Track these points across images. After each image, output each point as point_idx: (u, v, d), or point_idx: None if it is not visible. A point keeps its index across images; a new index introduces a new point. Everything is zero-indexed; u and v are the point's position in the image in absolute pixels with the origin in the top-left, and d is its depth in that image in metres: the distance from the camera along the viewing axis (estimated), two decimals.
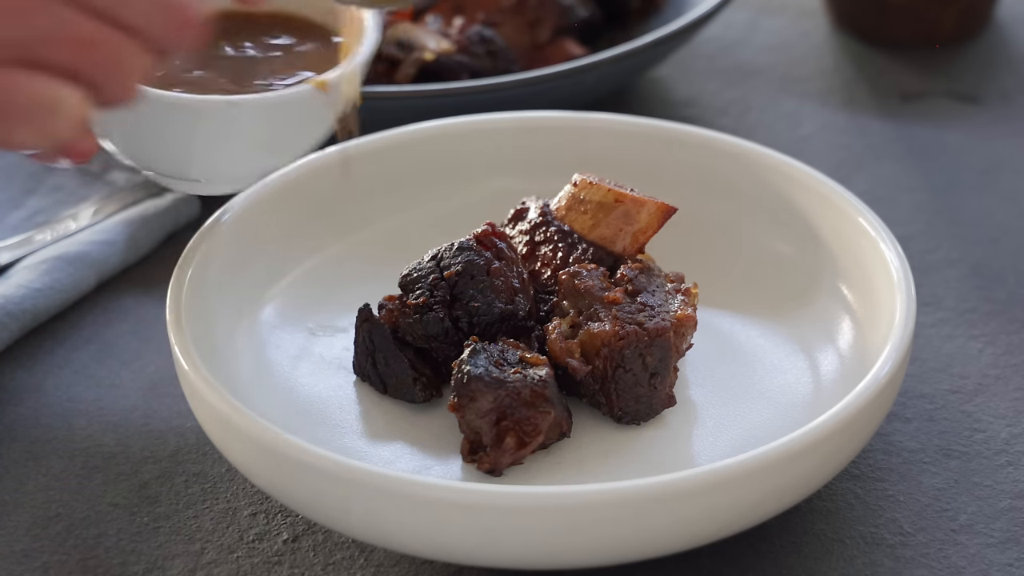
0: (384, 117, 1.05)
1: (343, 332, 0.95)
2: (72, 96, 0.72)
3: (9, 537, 0.86)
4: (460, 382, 0.85)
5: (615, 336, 0.87)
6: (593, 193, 0.93)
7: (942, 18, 1.28)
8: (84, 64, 0.73)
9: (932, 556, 0.85)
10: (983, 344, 0.99)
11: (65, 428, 0.93)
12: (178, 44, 0.76)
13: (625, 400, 0.88)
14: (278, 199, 0.97)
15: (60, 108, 0.72)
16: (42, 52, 0.72)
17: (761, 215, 0.99)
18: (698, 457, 0.87)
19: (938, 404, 0.94)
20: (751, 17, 1.34)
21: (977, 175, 1.15)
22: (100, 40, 0.73)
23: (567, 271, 0.90)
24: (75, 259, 1.03)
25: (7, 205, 1.11)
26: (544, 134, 1.03)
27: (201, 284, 0.90)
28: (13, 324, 0.98)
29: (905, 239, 1.04)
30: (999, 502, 0.88)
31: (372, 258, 0.99)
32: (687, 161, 1.01)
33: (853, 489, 0.88)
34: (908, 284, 0.89)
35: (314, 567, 0.85)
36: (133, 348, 0.99)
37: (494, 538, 0.78)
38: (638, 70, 1.17)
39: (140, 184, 1.11)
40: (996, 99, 1.23)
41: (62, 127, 0.72)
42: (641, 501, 0.77)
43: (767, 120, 1.22)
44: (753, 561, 0.84)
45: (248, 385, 0.88)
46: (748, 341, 0.94)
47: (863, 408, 0.82)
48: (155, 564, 0.85)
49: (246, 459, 0.82)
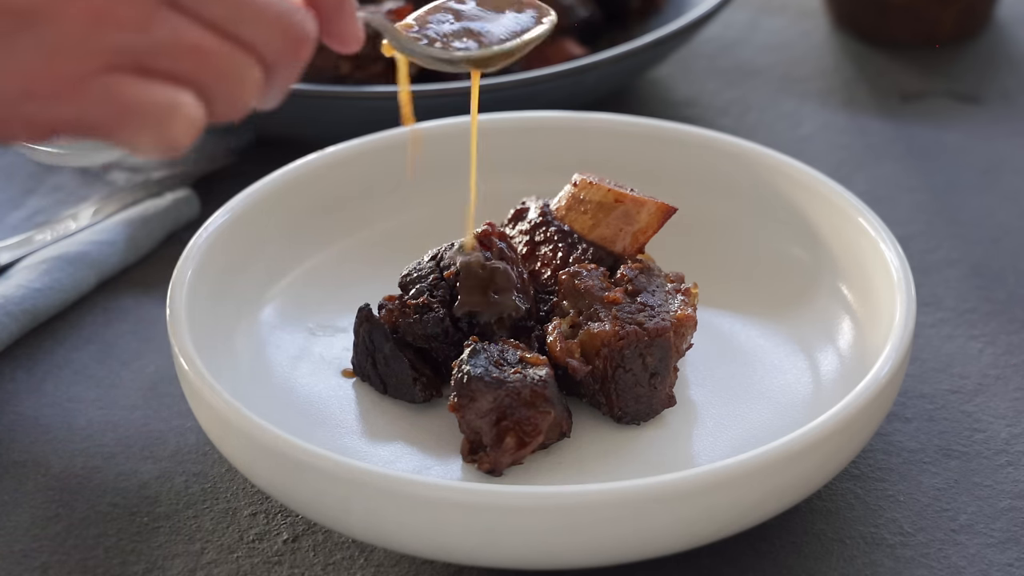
0: (384, 117, 1.05)
1: (343, 332, 0.95)
2: (189, 102, 0.73)
3: (9, 537, 0.86)
4: (460, 382, 0.85)
5: (615, 336, 0.87)
6: (593, 193, 0.93)
7: (942, 18, 1.28)
8: (199, 73, 0.73)
9: (932, 556, 0.85)
10: (983, 344, 0.99)
11: (65, 428, 0.93)
12: (293, 62, 0.76)
13: (625, 400, 0.88)
14: (278, 199, 0.97)
15: (179, 113, 0.72)
16: (159, 61, 0.72)
17: (761, 215, 0.99)
18: (698, 457, 0.87)
19: (938, 404, 0.94)
20: (751, 17, 1.34)
21: (977, 175, 1.15)
22: (216, 51, 0.73)
23: (567, 271, 0.90)
24: (75, 259, 1.03)
25: (7, 205, 1.11)
26: (544, 134, 1.03)
27: (201, 284, 0.90)
28: (13, 324, 0.98)
29: (905, 239, 1.04)
30: (999, 502, 0.88)
31: (372, 258, 0.99)
32: (687, 161, 1.01)
33: (853, 489, 0.88)
34: (908, 284, 0.89)
35: (314, 567, 0.85)
36: (133, 348, 0.99)
37: (494, 538, 0.78)
38: (638, 70, 1.17)
39: (140, 184, 1.11)
40: (996, 99, 1.23)
41: (180, 132, 0.72)
42: (641, 501, 0.77)
43: (767, 120, 1.22)
44: (753, 561, 0.84)
45: (248, 385, 0.88)
46: (748, 341, 0.94)
47: (863, 408, 0.82)
48: (155, 564, 0.85)
49: (246, 459, 0.82)
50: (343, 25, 0.79)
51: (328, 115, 1.10)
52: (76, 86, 0.71)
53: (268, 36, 0.74)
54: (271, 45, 0.75)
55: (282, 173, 0.98)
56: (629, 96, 1.22)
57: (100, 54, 0.71)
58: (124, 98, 0.72)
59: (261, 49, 0.75)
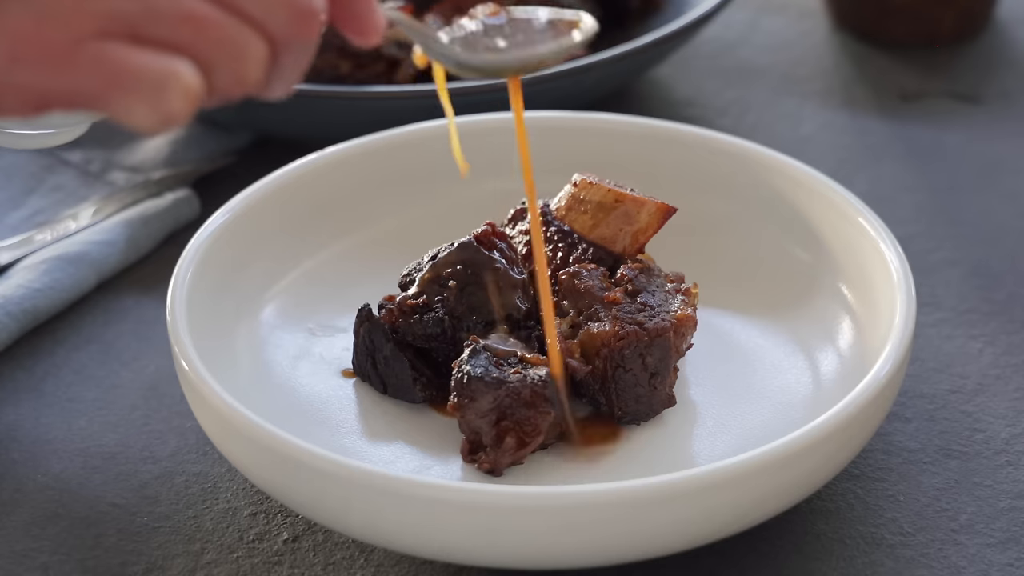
0: (384, 117, 1.05)
1: (343, 332, 0.95)
2: (186, 71, 0.70)
3: (9, 537, 0.86)
4: (460, 382, 0.85)
5: (615, 336, 0.87)
6: (593, 193, 0.93)
7: (942, 18, 1.28)
8: (198, 43, 0.70)
9: (932, 556, 0.85)
10: (983, 344, 0.99)
11: (65, 428, 0.93)
12: (299, 36, 0.73)
13: (625, 400, 0.88)
14: (278, 199, 0.97)
15: (175, 82, 0.69)
16: (155, 28, 0.70)
17: (761, 215, 0.99)
18: (698, 457, 0.87)
19: (938, 404, 0.94)
20: (751, 17, 1.34)
21: (977, 175, 1.15)
22: (215, 21, 0.70)
23: (567, 271, 0.90)
24: (75, 259, 1.03)
25: (7, 205, 1.11)
26: (544, 134, 1.03)
27: (201, 284, 0.90)
28: (13, 324, 0.98)
29: (905, 239, 1.04)
30: (999, 502, 0.88)
31: (372, 258, 0.99)
32: (687, 161, 1.01)
33: (853, 489, 0.88)
34: (908, 284, 0.89)
35: (314, 567, 0.85)
36: (133, 348, 0.99)
37: (494, 538, 0.78)
38: (638, 70, 1.17)
39: (140, 184, 1.11)
40: (996, 99, 1.23)
41: (176, 102, 0.69)
42: (641, 501, 0.77)
43: (767, 120, 1.22)
44: (753, 561, 0.84)
45: (248, 385, 0.88)
46: (748, 341, 0.94)
47: (863, 408, 0.82)
48: (155, 564, 0.85)
49: (246, 459, 0.82)
50: (361, 10, 0.76)
51: (328, 115, 1.10)
52: (67, 52, 0.69)
53: (271, 8, 0.72)
54: (275, 19, 0.72)
55: (282, 173, 0.98)
56: (629, 96, 1.22)
57: (92, 18, 0.69)
58: (117, 65, 0.69)
59: (264, 22, 0.72)
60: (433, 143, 1.02)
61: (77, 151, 1.15)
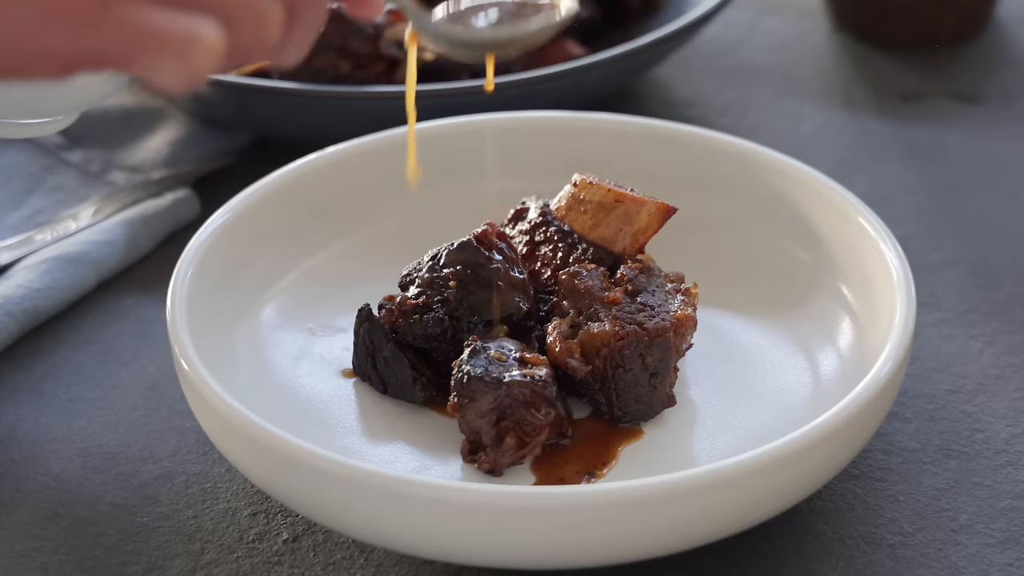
0: (384, 117, 1.05)
1: (343, 332, 0.95)
2: (211, 30, 0.71)
3: (9, 537, 0.86)
4: (460, 382, 0.85)
5: (615, 336, 0.87)
6: (593, 193, 0.93)
7: (942, 18, 1.28)
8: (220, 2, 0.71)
9: (932, 556, 0.85)
10: (983, 344, 0.99)
11: (65, 428, 0.93)
12: (315, 5, 0.74)
13: (625, 400, 0.88)
14: (278, 199, 0.97)
15: (200, 41, 0.70)
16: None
17: (761, 215, 0.99)
18: (698, 457, 0.87)
19: (938, 404, 0.94)
20: (751, 17, 1.34)
21: (977, 175, 1.15)
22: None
23: (567, 271, 0.90)
24: (75, 259, 1.03)
25: (7, 205, 1.11)
26: (544, 134, 1.03)
27: (201, 284, 0.90)
28: (13, 324, 0.98)
29: (905, 239, 1.04)
30: (999, 502, 0.88)
31: (372, 258, 0.99)
32: (687, 161, 1.01)
33: (853, 489, 0.88)
34: (908, 284, 0.89)
35: (314, 567, 0.85)
36: (133, 348, 0.99)
37: (494, 538, 0.78)
38: (638, 70, 1.17)
39: (140, 184, 1.11)
40: (996, 99, 1.23)
41: (201, 61, 0.70)
42: (641, 501, 0.77)
43: (767, 120, 1.22)
44: (753, 561, 0.84)
45: (248, 385, 0.88)
46: (748, 341, 0.94)
47: (863, 408, 0.82)
48: (155, 564, 0.85)
49: (246, 459, 0.82)
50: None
51: (328, 115, 1.10)
52: (93, 14, 0.70)
53: None
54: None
55: (282, 173, 0.98)
56: (629, 96, 1.22)
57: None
58: (144, 26, 0.70)
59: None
60: (433, 143, 1.02)
61: (77, 151, 1.15)
